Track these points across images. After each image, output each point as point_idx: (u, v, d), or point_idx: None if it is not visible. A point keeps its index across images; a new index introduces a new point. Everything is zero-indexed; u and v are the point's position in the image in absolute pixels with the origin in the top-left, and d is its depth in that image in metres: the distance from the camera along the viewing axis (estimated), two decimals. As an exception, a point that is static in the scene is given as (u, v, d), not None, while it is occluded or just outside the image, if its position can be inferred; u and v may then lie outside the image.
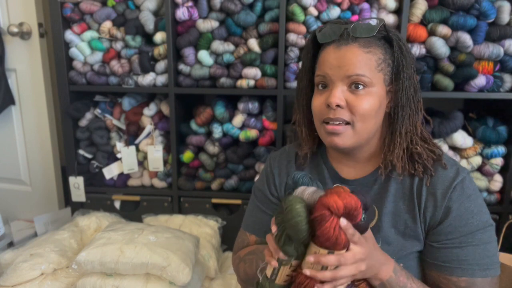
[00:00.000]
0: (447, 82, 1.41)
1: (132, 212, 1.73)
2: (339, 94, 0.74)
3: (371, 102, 0.74)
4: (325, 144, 0.81)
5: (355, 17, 1.41)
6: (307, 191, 0.64)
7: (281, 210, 0.63)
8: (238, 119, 1.55)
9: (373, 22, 0.76)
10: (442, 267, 0.76)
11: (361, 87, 0.74)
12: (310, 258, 0.62)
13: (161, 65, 1.55)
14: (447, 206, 0.75)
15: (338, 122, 0.75)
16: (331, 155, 0.89)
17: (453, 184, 0.75)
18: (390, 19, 1.40)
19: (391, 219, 0.79)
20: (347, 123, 0.75)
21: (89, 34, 1.56)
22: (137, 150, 1.68)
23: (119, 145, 1.67)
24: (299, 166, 0.92)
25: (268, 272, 0.68)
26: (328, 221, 0.58)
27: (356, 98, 0.74)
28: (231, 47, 1.49)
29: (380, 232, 0.79)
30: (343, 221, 0.59)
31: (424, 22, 1.38)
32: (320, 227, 0.59)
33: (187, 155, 1.63)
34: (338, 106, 0.74)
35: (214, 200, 1.66)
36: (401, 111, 0.77)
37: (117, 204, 1.74)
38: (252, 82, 1.50)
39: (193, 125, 1.61)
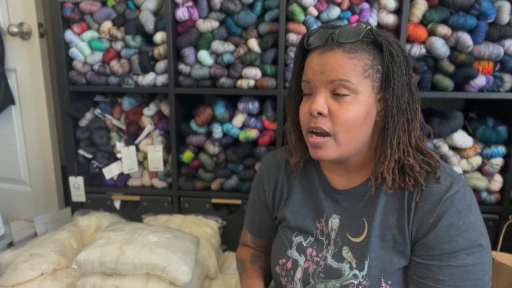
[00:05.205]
0: (447, 82, 1.41)
1: (132, 212, 1.73)
2: (322, 101, 0.71)
3: (356, 111, 0.70)
4: (311, 155, 0.77)
5: (355, 17, 1.41)
6: None
7: None
8: (238, 119, 1.54)
9: (361, 26, 0.71)
10: (418, 283, 0.72)
11: (345, 94, 0.70)
12: None
13: (161, 65, 1.55)
14: (434, 221, 0.70)
15: (319, 132, 0.72)
16: (323, 163, 0.86)
17: (443, 198, 0.70)
18: (390, 19, 1.40)
19: (380, 233, 0.75)
20: (328, 135, 0.72)
21: (89, 34, 1.56)
22: (137, 150, 1.68)
23: (119, 145, 1.67)
24: (290, 174, 0.89)
25: None
26: None
27: (339, 106, 0.70)
28: (231, 47, 1.49)
29: (369, 247, 0.75)
30: None
31: (424, 22, 1.38)
32: None
33: (187, 155, 1.63)
34: (319, 114, 0.71)
35: (214, 200, 1.66)
36: (392, 121, 0.71)
37: (117, 204, 1.74)
38: (252, 82, 1.50)
39: (193, 125, 1.61)
